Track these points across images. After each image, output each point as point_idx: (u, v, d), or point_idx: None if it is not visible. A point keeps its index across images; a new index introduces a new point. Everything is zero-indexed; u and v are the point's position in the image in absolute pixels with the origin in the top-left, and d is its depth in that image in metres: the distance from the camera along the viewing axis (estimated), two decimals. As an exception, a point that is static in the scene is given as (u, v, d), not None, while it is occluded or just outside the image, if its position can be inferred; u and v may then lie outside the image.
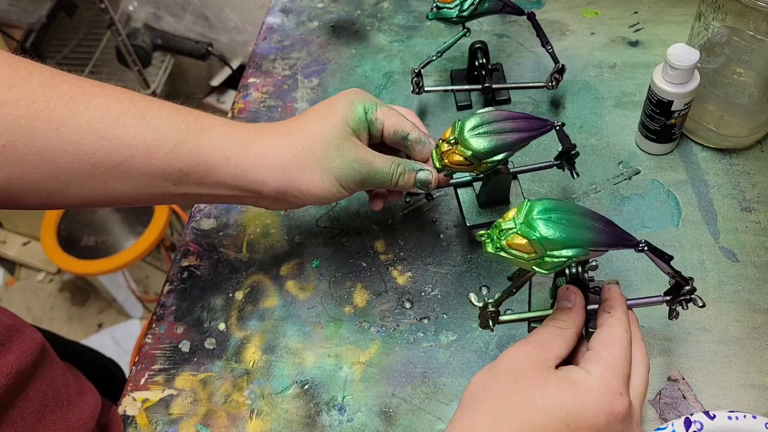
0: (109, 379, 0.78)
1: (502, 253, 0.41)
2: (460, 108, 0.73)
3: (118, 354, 1.59)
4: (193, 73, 1.92)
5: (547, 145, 0.68)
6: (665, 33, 0.77)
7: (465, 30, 0.68)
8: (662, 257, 0.43)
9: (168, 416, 0.55)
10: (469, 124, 0.49)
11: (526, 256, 0.41)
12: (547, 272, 0.41)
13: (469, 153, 0.49)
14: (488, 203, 0.58)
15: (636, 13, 0.80)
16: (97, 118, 0.47)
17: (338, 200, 0.54)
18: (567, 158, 0.58)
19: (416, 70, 0.67)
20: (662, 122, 0.63)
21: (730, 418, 0.45)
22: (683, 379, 0.53)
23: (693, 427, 0.46)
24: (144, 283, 1.72)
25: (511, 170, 0.57)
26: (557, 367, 0.42)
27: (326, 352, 0.57)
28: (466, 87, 0.71)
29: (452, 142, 0.50)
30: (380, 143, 0.55)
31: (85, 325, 1.72)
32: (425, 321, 0.58)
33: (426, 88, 0.69)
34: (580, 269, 0.46)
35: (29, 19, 1.52)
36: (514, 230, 0.41)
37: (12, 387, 0.46)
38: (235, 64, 1.69)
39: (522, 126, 0.50)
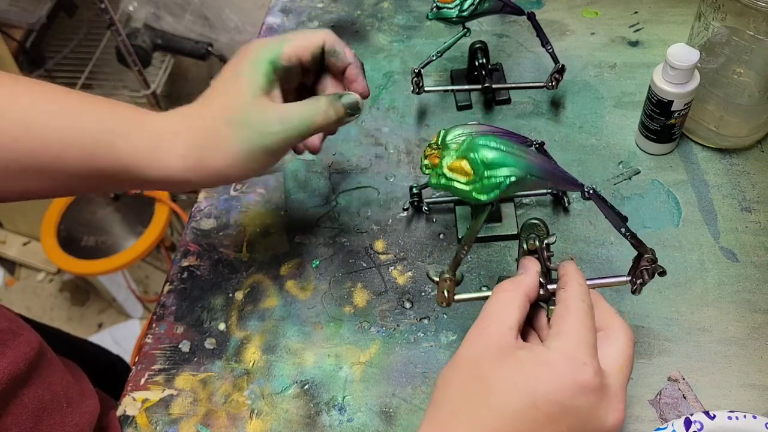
0: (116, 377, 0.79)
1: (443, 180, 0.42)
2: (460, 108, 0.73)
3: (118, 354, 1.59)
4: (193, 73, 1.91)
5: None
6: (665, 33, 0.77)
7: (465, 30, 0.68)
8: (611, 208, 0.44)
9: (168, 416, 0.55)
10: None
11: (464, 180, 0.41)
12: (486, 198, 0.41)
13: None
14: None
15: (636, 13, 0.80)
16: (23, 118, 0.46)
17: (259, 172, 0.51)
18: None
19: (416, 70, 0.67)
20: (662, 122, 0.63)
21: (730, 418, 0.45)
22: (683, 379, 0.53)
23: (693, 427, 0.46)
24: (144, 283, 1.72)
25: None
26: (525, 339, 0.41)
27: (326, 352, 0.57)
28: (466, 87, 0.71)
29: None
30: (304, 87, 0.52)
31: (85, 325, 1.72)
32: (425, 321, 0.58)
33: (426, 88, 0.69)
34: (538, 242, 0.46)
35: (29, 19, 1.52)
36: (456, 154, 0.42)
37: (4, 393, 0.45)
38: (235, 64, 1.69)
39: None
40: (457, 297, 0.44)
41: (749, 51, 0.59)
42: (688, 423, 0.46)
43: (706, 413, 0.46)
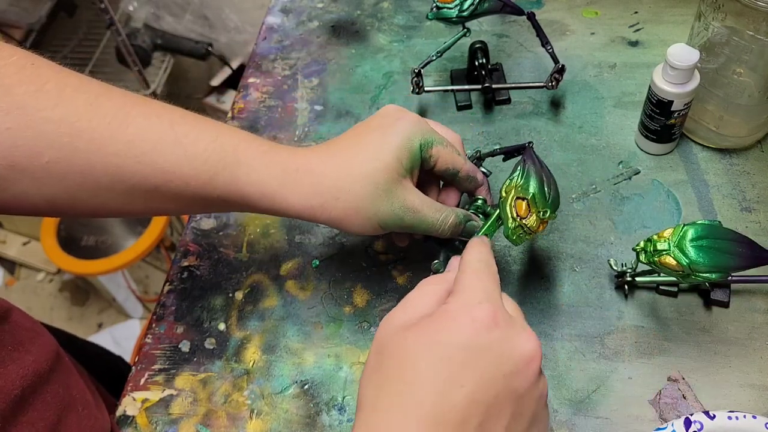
0: (118, 378, 0.79)
1: (653, 266, 0.50)
2: (460, 108, 0.73)
3: (118, 354, 1.59)
4: (193, 73, 1.92)
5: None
6: (665, 33, 0.77)
7: (465, 30, 0.68)
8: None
9: (168, 416, 0.55)
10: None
11: (674, 272, 0.49)
12: (688, 284, 0.53)
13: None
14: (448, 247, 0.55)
15: (636, 13, 0.80)
16: (136, 141, 0.46)
17: (374, 235, 0.52)
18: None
19: (416, 70, 0.67)
20: (662, 122, 0.63)
21: (730, 418, 0.45)
22: (683, 379, 0.53)
23: (693, 427, 0.46)
24: (144, 283, 1.72)
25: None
26: None
27: (326, 352, 0.57)
28: (466, 87, 0.71)
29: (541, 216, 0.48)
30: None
31: (85, 325, 1.72)
32: (425, 321, 0.58)
33: (426, 88, 0.69)
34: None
35: (29, 19, 1.52)
36: (667, 252, 0.49)
37: (30, 387, 0.46)
38: (235, 64, 1.70)
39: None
40: None
41: (749, 51, 0.59)
42: (688, 423, 0.46)
43: (706, 413, 0.46)
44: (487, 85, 0.69)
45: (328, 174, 0.48)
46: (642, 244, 0.51)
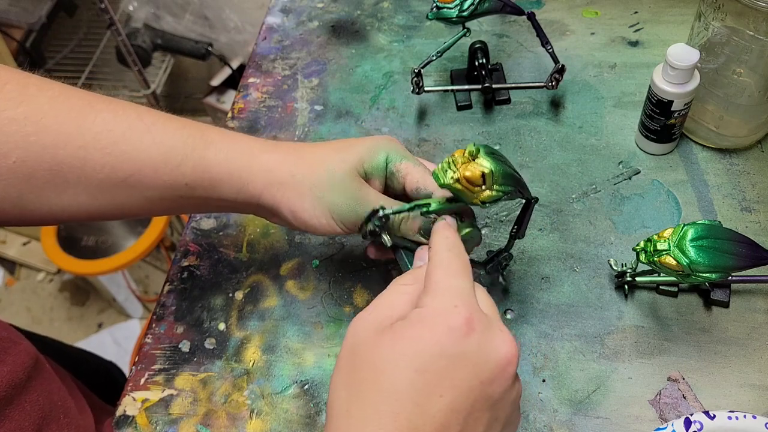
0: (112, 384, 0.79)
1: (654, 266, 0.50)
2: (460, 108, 0.73)
3: (118, 354, 1.60)
4: (193, 73, 1.91)
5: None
6: (665, 33, 0.77)
7: (465, 30, 0.68)
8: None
9: (168, 416, 0.55)
10: (482, 149, 0.44)
11: (674, 272, 0.49)
12: (688, 284, 0.53)
13: (487, 169, 0.43)
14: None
15: (636, 13, 0.80)
16: (104, 132, 0.47)
17: (335, 235, 0.52)
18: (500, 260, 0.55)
19: (416, 70, 0.67)
20: (662, 122, 0.63)
21: (730, 418, 0.45)
22: (683, 379, 0.53)
23: (693, 427, 0.46)
24: (144, 283, 1.72)
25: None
26: None
27: (326, 352, 0.57)
28: (466, 87, 0.71)
29: (472, 156, 0.44)
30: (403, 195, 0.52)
31: (85, 325, 1.72)
32: (425, 321, 0.58)
33: (426, 88, 0.69)
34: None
35: (29, 19, 1.52)
36: (667, 252, 0.49)
37: (6, 399, 0.45)
38: (235, 64, 1.69)
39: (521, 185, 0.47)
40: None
41: (749, 51, 0.59)
42: (688, 423, 0.46)
43: (706, 413, 0.46)
44: (487, 85, 0.69)
45: (291, 153, 0.50)
46: (642, 244, 0.52)
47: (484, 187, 0.43)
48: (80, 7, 1.68)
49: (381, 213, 0.47)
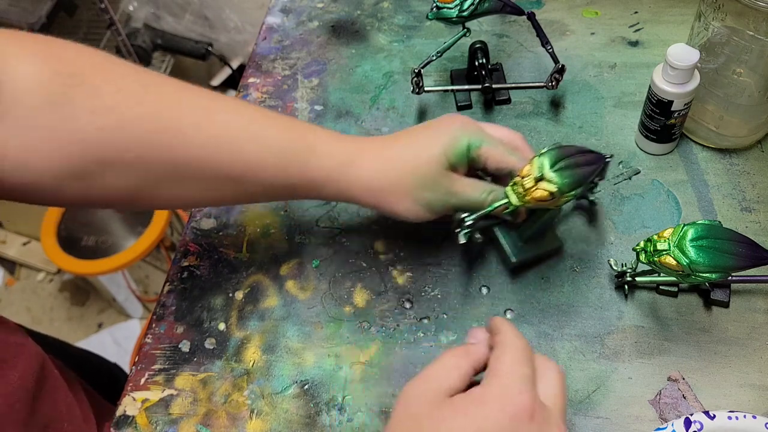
0: (114, 385, 0.79)
1: (654, 266, 0.50)
2: (460, 108, 0.73)
3: (118, 354, 1.60)
4: (193, 73, 1.92)
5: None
6: (665, 33, 0.77)
7: (465, 30, 0.68)
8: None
9: (168, 416, 0.55)
10: (548, 160, 0.50)
11: (674, 272, 0.49)
12: (688, 284, 0.54)
13: (554, 188, 0.49)
14: (531, 238, 0.58)
15: (636, 13, 0.80)
16: (220, 135, 0.50)
17: (426, 221, 0.55)
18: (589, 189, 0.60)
19: (416, 70, 0.67)
20: (662, 122, 0.63)
21: (730, 418, 0.45)
22: (683, 379, 0.53)
23: (693, 427, 0.46)
24: (144, 283, 1.72)
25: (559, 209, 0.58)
26: None
27: (326, 352, 0.57)
28: (466, 87, 0.71)
29: (538, 178, 0.50)
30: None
31: (85, 325, 1.72)
32: (425, 321, 0.58)
33: (426, 88, 0.69)
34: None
35: (29, 19, 1.52)
36: (668, 252, 0.49)
37: (18, 404, 0.46)
38: (235, 64, 1.70)
39: (589, 159, 0.52)
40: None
41: (749, 51, 0.59)
42: (688, 423, 0.46)
43: (706, 413, 0.46)
44: (487, 85, 0.69)
45: (384, 159, 0.53)
46: (642, 244, 0.52)
47: (555, 199, 0.50)
48: (80, 7, 1.68)
49: (466, 222, 0.53)
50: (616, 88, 0.73)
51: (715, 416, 0.46)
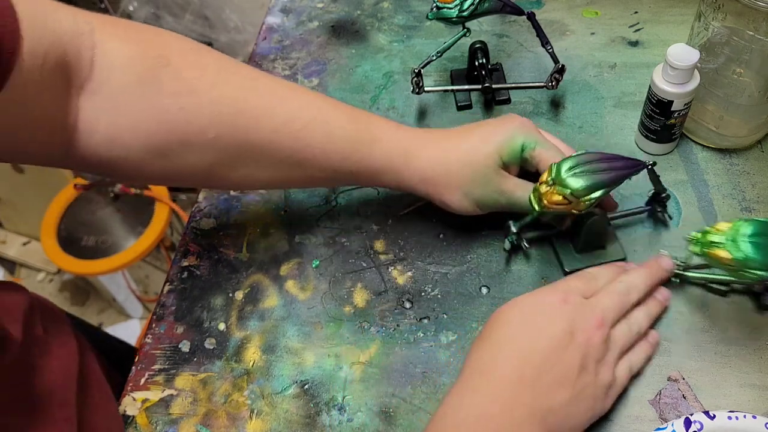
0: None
1: (705, 258, 0.51)
2: (460, 108, 0.73)
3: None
4: (193, 73, 1.91)
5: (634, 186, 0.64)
6: (665, 33, 0.77)
7: (465, 30, 0.68)
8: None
9: (168, 416, 0.55)
10: (565, 165, 0.51)
11: (726, 266, 0.49)
12: (739, 282, 0.54)
13: (567, 192, 0.50)
14: (584, 249, 0.59)
15: (636, 13, 0.80)
16: (291, 120, 0.53)
17: (474, 215, 0.58)
18: (658, 201, 0.60)
19: (416, 70, 0.67)
20: (662, 122, 0.63)
21: (730, 418, 0.45)
22: (683, 379, 0.53)
23: (693, 427, 0.46)
24: (144, 283, 1.72)
25: (605, 216, 0.58)
26: None
27: (326, 352, 0.57)
28: (466, 87, 0.71)
29: (550, 183, 0.51)
30: None
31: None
32: (425, 321, 0.58)
33: (426, 88, 0.69)
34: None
35: (29, 19, 1.52)
36: (723, 245, 0.49)
37: (58, 394, 0.49)
38: (235, 64, 1.69)
39: (615, 165, 0.53)
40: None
41: (749, 51, 0.59)
42: (688, 423, 0.46)
43: (706, 413, 0.46)
44: (487, 85, 0.69)
45: (442, 151, 0.55)
46: (696, 234, 0.51)
47: (572, 203, 0.51)
48: (80, 7, 1.68)
49: (513, 229, 0.57)
50: (616, 88, 0.73)
51: (715, 416, 0.46)
